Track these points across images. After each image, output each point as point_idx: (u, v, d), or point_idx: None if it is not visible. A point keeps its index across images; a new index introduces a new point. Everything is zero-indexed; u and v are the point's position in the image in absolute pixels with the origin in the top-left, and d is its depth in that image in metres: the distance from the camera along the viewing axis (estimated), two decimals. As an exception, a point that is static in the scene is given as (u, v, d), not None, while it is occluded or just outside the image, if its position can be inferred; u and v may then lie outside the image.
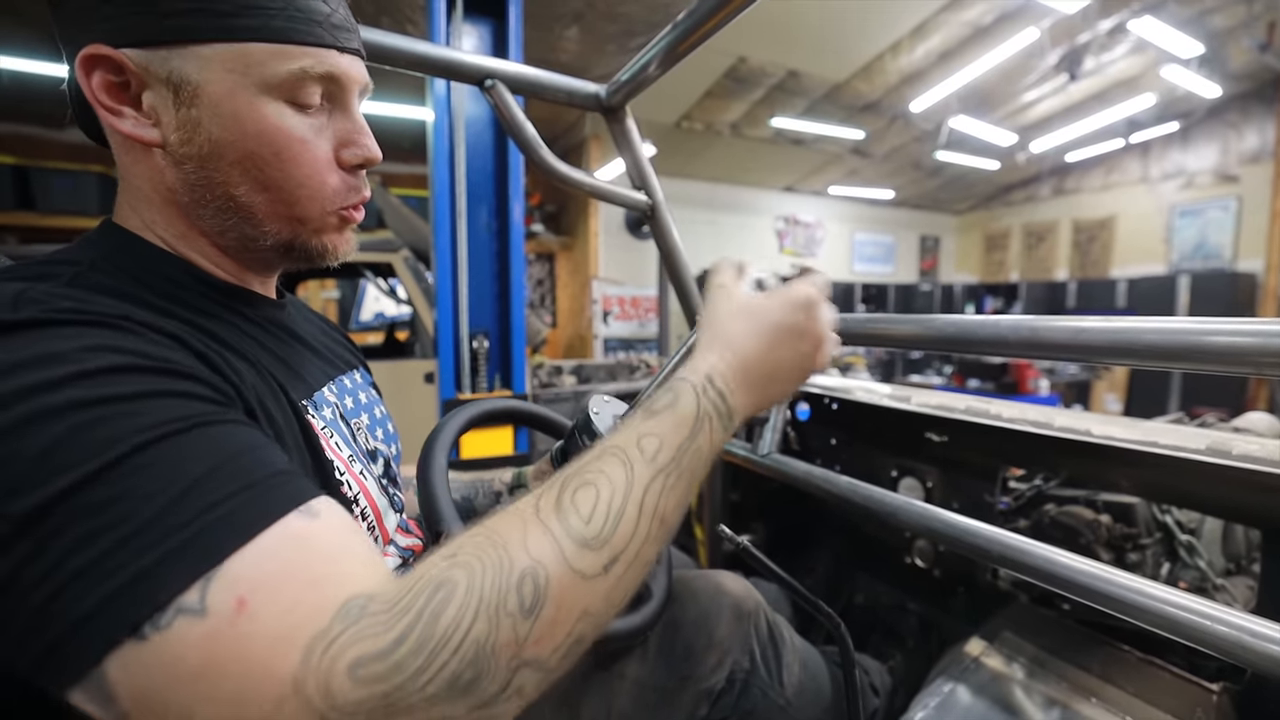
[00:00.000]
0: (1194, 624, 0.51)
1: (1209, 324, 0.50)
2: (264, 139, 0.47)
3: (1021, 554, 0.64)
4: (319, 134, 0.50)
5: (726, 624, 0.77)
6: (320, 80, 0.49)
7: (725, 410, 0.49)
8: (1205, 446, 0.73)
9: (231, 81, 0.45)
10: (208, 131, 0.46)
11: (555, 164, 0.98)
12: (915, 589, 1.16)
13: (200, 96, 0.45)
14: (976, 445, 1.01)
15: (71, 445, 0.32)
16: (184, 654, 0.30)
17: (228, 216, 0.49)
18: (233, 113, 0.46)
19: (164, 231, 0.50)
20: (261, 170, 0.48)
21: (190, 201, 0.49)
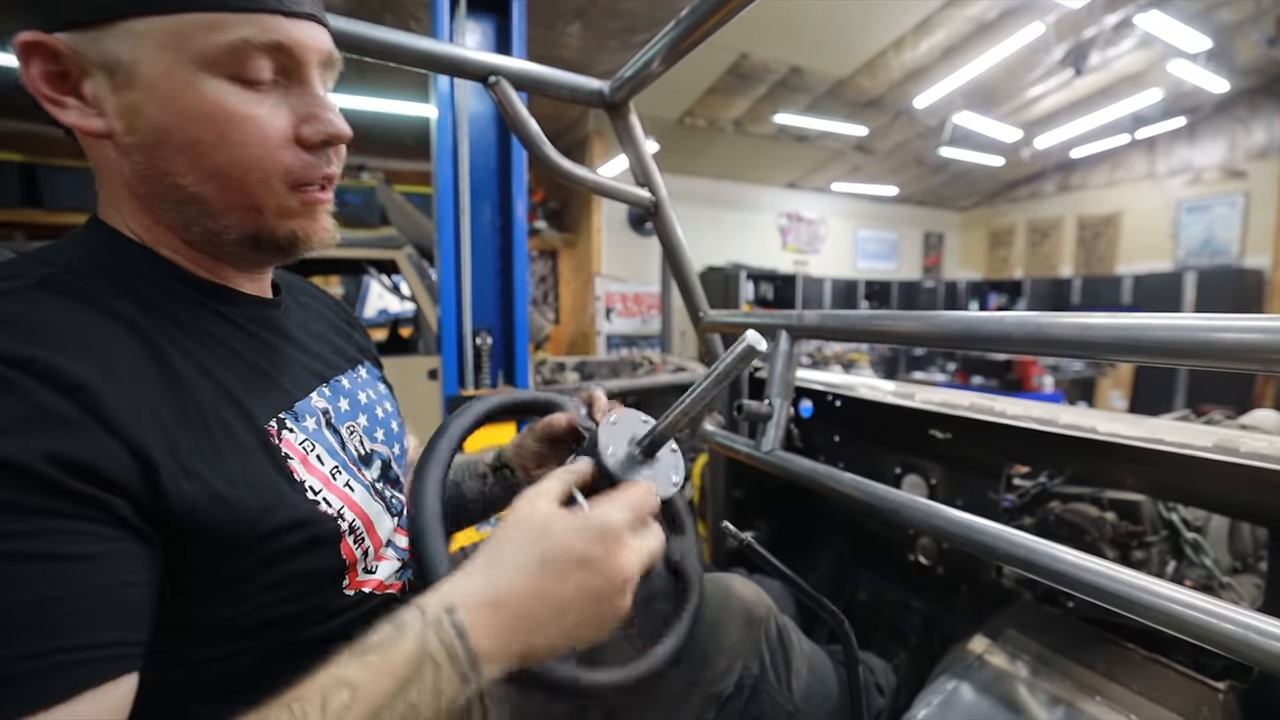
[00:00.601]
0: (1200, 622, 0.50)
1: (1216, 320, 0.50)
2: (205, 121, 0.43)
3: (1026, 551, 0.64)
4: (272, 112, 0.45)
5: (737, 629, 0.76)
6: (267, 51, 0.44)
7: (464, 654, 0.38)
8: (1212, 444, 0.72)
9: (166, 59, 0.41)
10: (148, 117, 0.42)
11: (559, 160, 0.98)
12: (919, 586, 1.16)
13: (136, 78, 0.41)
14: (981, 442, 1.01)
15: None
16: None
17: (186, 209, 0.46)
18: (169, 94, 0.42)
19: (136, 227, 0.48)
20: (206, 156, 0.44)
21: (148, 194, 0.46)
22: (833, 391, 1.29)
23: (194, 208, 0.46)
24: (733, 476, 1.51)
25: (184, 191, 0.45)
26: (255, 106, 0.44)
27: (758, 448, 1.02)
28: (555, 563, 0.42)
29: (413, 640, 0.38)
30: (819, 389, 1.32)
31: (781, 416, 1.00)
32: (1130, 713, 0.73)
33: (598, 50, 4.27)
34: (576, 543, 0.43)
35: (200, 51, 0.41)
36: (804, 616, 1.19)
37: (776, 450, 1.00)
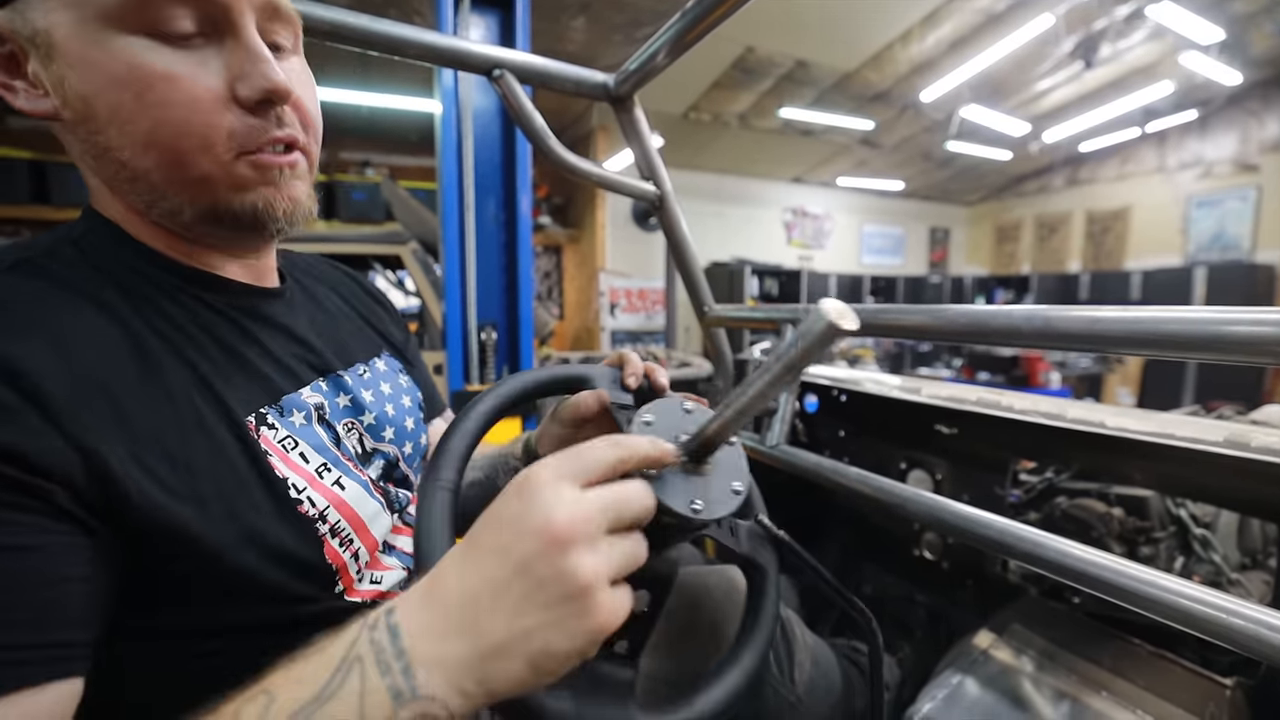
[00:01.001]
0: (1209, 617, 0.50)
1: (1229, 313, 0.49)
2: (120, 83, 0.39)
3: (1033, 546, 0.63)
4: (198, 69, 0.41)
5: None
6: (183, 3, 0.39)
7: (394, 658, 0.31)
8: (1223, 439, 0.72)
9: (72, 19, 0.38)
10: (72, 87, 0.39)
11: (564, 154, 0.97)
12: (924, 581, 1.15)
13: (54, 47, 0.38)
14: (987, 437, 1.00)
15: None
16: None
17: (138, 187, 0.43)
18: (80, 57, 0.38)
19: (114, 212, 0.46)
20: (130, 122, 0.40)
21: (106, 176, 0.44)
22: (838, 386, 1.28)
23: (143, 184, 0.43)
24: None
25: (127, 168, 0.42)
26: (176, 64, 0.40)
27: (763, 442, 1.01)
28: (478, 532, 0.34)
29: (343, 643, 0.32)
30: (823, 384, 1.31)
31: (786, 411, 1.00)
32: (1136, 708, 0.72)
33: (602, 44, 4.26)
34: (496, 504, 0.35)
35: (103, 5, 0.38)
36: (808, 610, 1.19)
37: (781, 445, 0.99)
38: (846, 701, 0.85)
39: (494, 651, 0.31)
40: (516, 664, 0.31)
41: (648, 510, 0.37)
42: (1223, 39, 4.65)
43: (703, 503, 0.42)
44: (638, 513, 0.36)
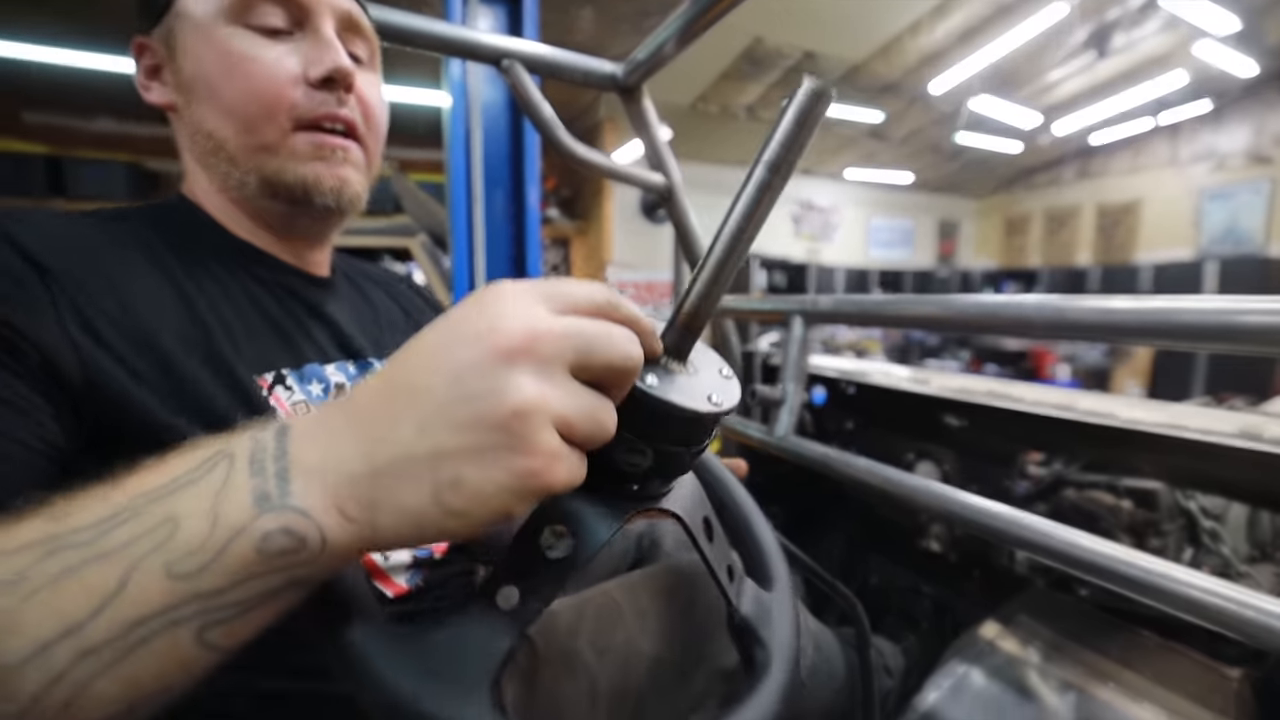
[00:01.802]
0: (1218, 607, 0.50)
1: (1242, 302, 0.49)
2: (219, 61, 0.48)
3: (1040, 536, 0.63)
4: (282, 56, 0.49)
5: None
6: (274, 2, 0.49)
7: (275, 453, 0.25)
8: (1235, 430, 0.71)
9: (197, 17, 0.48)
10: (189, 74, 0.49)
11: (573, 145, 0.97)
12: (930, 572, 1.15)
13: (181, 46, 0.49)
14: (996, 429, 1.00)
15: None
16: None
17: (217, 159, 0.51)
18: (197, 48, 0.48)
19: (204, 196, 0.54)
20: (220, 95, 0.49)
21: (201, 153, 0.52)
22: (846, 378, 1.28)
23: (223, 155, 0.50)
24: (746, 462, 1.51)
25: (211, 136, 0.50)
26: (263, 50, 0.49)
27: (770, 433, 1.01)
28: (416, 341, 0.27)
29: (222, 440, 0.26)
30: (832, 376, 1.31)
31: (795, 402, 1.00)
32: (1144, 699, 0.73)
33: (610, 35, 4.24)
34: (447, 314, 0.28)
35: (222, 4, 0.48)
36: (813, 600, 1.20)
37: (789, 436, 1.00)
38: (850, 688, 0.85)
39: (391, 467, 0.25)
40: (415, 491, 0.25)
41: (629, 358, 0.28)
42: (1238, 29, 4.57)
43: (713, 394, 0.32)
44: (614, 358, 0.27)
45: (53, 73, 3.74)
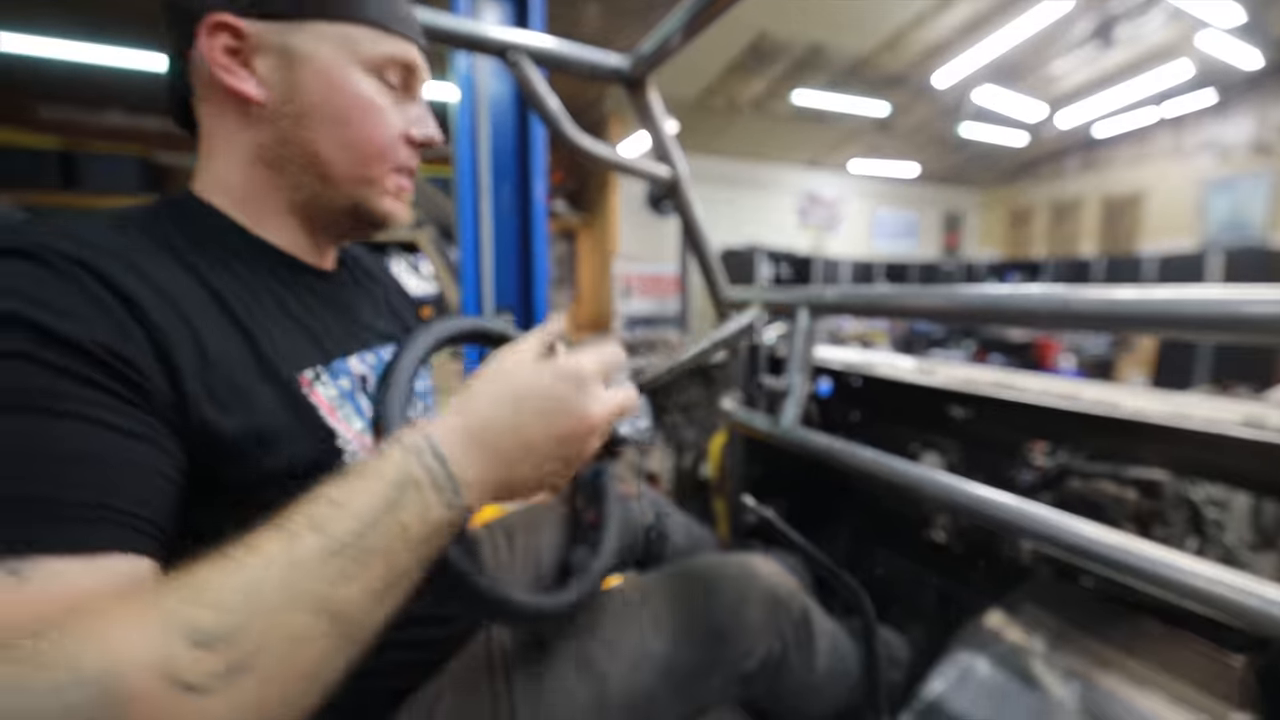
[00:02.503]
0: (1222, 595, 0.50)
1: (1247, 292, 0.50)
2: (355, 102, 0.54)
3: (1046, 525, 0.64)
4: (394, 109, 0.57)
5: (760, 610, 0.76)
6: (400, 66, 0.56)
7: (445, 478, 0.40)
8: (1239, 419, 0.72)
9: (335, 54, 0.53)
10: (308, 93, 0.53)
11: (579, 138, 0.98)
12: (936, 563, 1.16)
13: (308, 64, 0.52)
14: (1001, 420, 1.01)
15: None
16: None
17: (306, 173, 0.55)
18: (331, 80, 0.53)
19: (237, 193, 0.55)
20: (347, 129, 0.54)
21: (276, 157, 0.54)
22: (852, 369, 1.29)
23: (315, 172, 0.55)
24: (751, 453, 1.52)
25: (317, 156, 0.54)
26: (385, 101, 0.56)
27: (776, 424, 1.02)
28: (528, 399, 0.46)
29: (393, 466, 0.39)
30: (837, 368, 1.32)
31: (800, 393, 1.00)
32: (1148, 686, 0.73)
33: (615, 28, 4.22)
34: (548, 382, 0.47)
35: (361, 54, 0.54)
36: (820, 590, 1.21)
37: (795, 427, 1.00)
38: (863, 683, 0.86)
39: (520, 485, 0.47)
40: (528, 490, 0.47)
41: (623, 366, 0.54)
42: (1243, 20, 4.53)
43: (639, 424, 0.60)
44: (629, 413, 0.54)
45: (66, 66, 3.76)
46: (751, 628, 0.75)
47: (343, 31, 0.53)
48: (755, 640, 0.74)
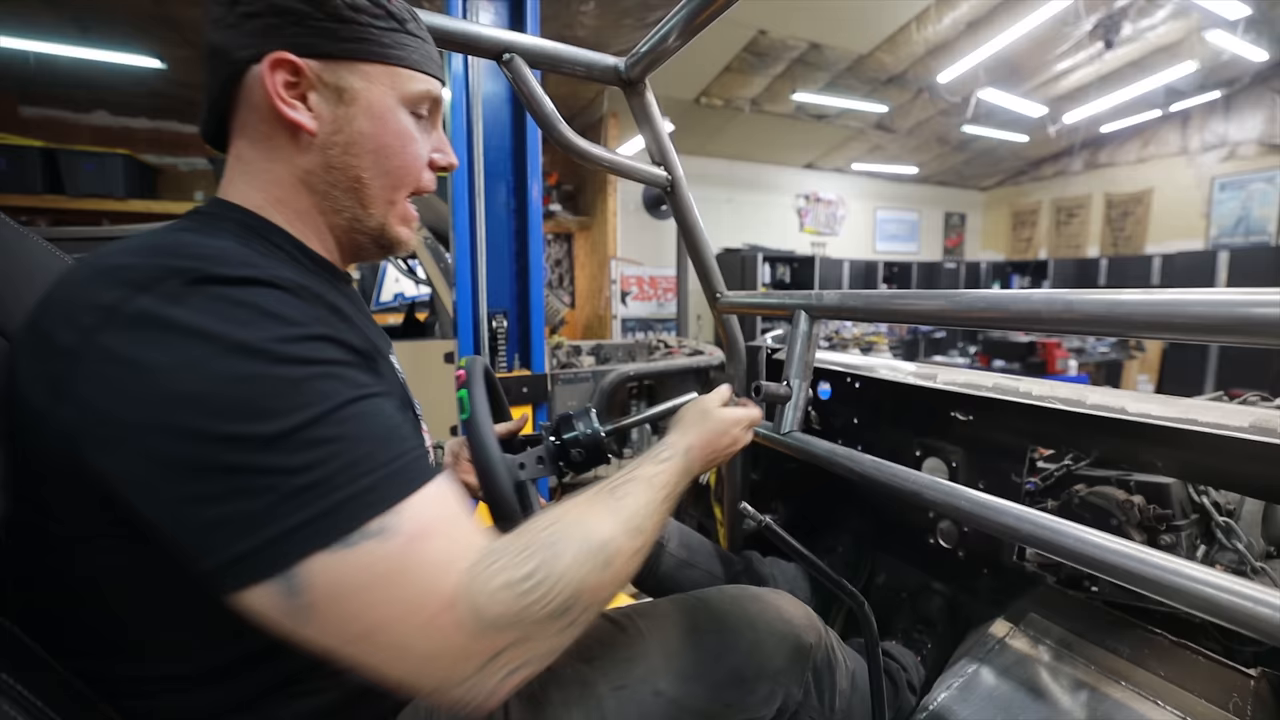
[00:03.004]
0: (1234, 605, 0.49)
1: (1255, 294, 0.48)
2: (397, 134, 0.61)
3: (1050, 533, 0.62)
4: (422, 138, 0.65)
5: (784, 656, 0.74)
6: (430, 100, 0.64)
7: (692, 468, 0.70)
8: (1248, 424, 0.70)
9: (382, 92, 0.60)
10: (357, 126, 0.59)
11: (574, 139, 0.96)
12: (939, 570, 1.14)
13: (357, 99, 0.59)
14: (1004, 424, 0.99)
15: (304, 391, 0.43)
16: (374, 565, 0.41)
17: (348, 197, 0.61)
18: (379, 113, 0.60)
19: (286, 209, 0.60)
20: (388, 158, 0.61)
21: (321, 182, 0.60)
22: (852, 373, 1.27)
23: (356, 196, 0.62)
24: (750, 459, 1.50)
25: (360, 181, 0.61)
26: (418, 133, 0.64)
27: (776, 429, 1.01)
28: (715, 429, 0.76)
29: (679, 461, 0.68)
30: (837, 370, 1.30)
31: (800, 398, 0.99)
32: (1157, 699, 0.72)
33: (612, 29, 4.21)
34: (724, 421, 0.77)
35: (402, 91, 0.61)
36: (821, 599, 1.19)
37: (795, 432, 0.99)
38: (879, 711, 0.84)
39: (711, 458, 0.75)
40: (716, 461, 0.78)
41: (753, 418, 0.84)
42: (1249, 15, 4.51)
43: None
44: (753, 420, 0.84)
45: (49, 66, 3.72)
46: (772, 672, 0.72)
47: (388, 72, 0.60)
48: (774, 685, 0.72)
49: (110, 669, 0.50)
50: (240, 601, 0.40)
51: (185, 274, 0.44)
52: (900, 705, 0.93)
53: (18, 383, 0.45)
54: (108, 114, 4.43)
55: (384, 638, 0.41)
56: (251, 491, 0.40)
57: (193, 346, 0.41)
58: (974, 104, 5.78)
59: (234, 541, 0.39)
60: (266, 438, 0.40)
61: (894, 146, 7.33)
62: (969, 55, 4.96)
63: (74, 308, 0.44)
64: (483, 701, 0.43)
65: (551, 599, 0.45)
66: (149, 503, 0.41)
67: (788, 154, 7.44)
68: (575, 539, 0.49)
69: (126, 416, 0.41)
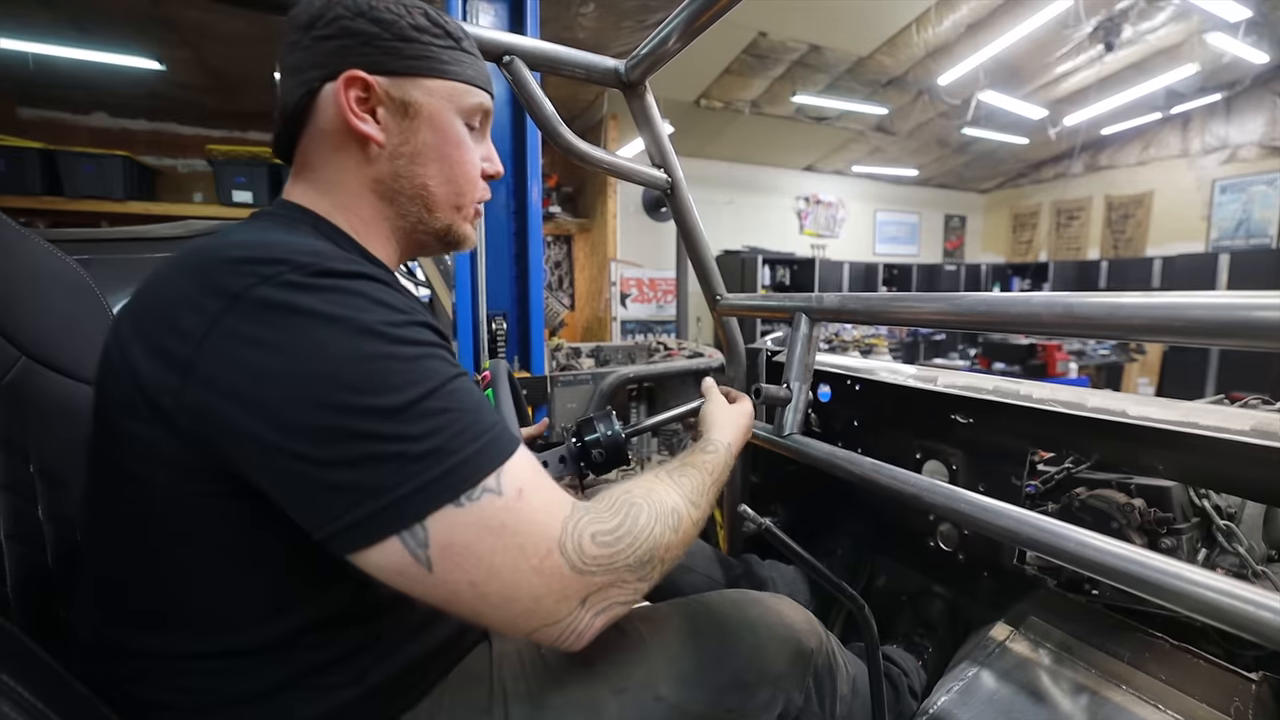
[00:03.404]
0: (1235, 609, 0.49)
1: (1255, 298, 0.48)
2: (456, 143, 0.67)
3: (1050, 536, 0.62)
4: (475, 148, 0.70)
5: (785, 661, 0.73)
6: (482, 112, 0.70)
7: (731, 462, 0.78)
8: (1250, 427, 0.70)
9: (443, 105, 0.65)
10: (422, 136, 0.65)
11: (574, 141, 0.97)
12: (939, 573, 1.14)
13: (421, 113, 0.64)
14: (1004, 427, 0.99)
15: (418, 369, 0.49)
16: (488, 518, 0.47)
17: (414, 203, 0.67)
18: (440, 126, 0.65)
19: (351, 215, 0.65)
20: (451, 167, 0.67)
21: (390, 189, 0.65)
22: (852, 375, 1.27)
23: (421, 202, 0.67)
24: (750, 461, 1.50)
25: (426, 188, 0.66)
26: (471, 143, 0.69)
27: (776, 432, 1.00)
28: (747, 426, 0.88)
29: (724, 453, 0.76)
30: (837, 372, 1.30)
31: (800, 400, 0.99)
32: (1158, 703, 0.71)
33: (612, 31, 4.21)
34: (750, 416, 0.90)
35: (460, 104, 0.66)
36: (820, 602, 1.19)
37: (795, 435, 0.99)
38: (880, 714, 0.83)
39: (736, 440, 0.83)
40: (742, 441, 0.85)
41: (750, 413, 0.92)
42: (1250, 17, 4.51)
43: None
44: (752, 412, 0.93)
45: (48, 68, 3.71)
46: (773, 677, 0.72)
47: (448, 87, 0.65)
48: (775, 691, 0.71)
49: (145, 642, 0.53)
50: (366, 557, 0.46)
51: (304, 266, 0.48)
52: (901, 710, 0.92)
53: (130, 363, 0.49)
54: (106, 116, 4.42)
55: (496, 583, 0.47)
56: (381, 456, 0.45)
57: (321, 329, 0.46)
58: (974, 106, 5.78)
59: (366, 500, 0.45)
60: (392, 408, 0.46)
61: (894, 149, 7.32)
62: (969, 58, 4.96)
63: (197, 293, 0.47)
64: (574, 640, 0.51)
65: (634, 550, 0.53)
66: (281, 471, 0.46)
67: (788, 156, 7.44)
68: (650, 503, 0.57)
69: (259, 392, 0.45)
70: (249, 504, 0.49)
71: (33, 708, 0.44)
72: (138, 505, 0.51)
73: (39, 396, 0.65)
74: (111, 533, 0.54)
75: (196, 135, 4.60)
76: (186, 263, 0.51)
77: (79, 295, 0.79)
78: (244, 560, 0.52)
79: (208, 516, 0.50)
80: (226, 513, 0.50)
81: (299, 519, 0.46)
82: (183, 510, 0.50)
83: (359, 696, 0.57)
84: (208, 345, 0.46)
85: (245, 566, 0.52)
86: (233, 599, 0.53)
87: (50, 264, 0.74)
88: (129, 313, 0.51)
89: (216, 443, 0.46)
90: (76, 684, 0.50)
